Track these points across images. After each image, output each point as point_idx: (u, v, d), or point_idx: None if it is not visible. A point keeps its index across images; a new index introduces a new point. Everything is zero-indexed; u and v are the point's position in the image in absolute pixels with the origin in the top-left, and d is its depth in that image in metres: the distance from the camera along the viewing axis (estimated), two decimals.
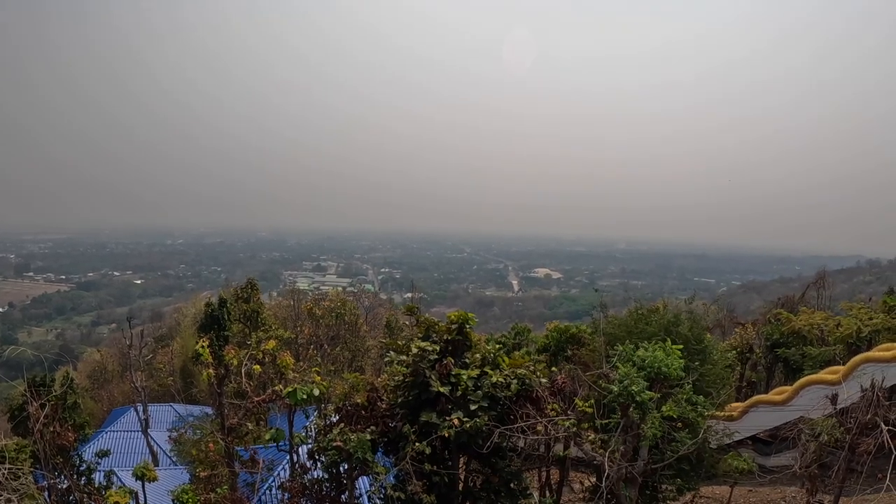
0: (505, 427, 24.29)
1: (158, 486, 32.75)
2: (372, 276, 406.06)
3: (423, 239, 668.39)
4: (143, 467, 27.93)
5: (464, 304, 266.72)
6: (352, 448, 23.04)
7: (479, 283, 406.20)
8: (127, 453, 48.82)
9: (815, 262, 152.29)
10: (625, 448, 24.91)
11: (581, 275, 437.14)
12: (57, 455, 24.83)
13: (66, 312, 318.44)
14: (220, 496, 25.88)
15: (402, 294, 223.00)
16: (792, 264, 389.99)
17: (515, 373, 25.25)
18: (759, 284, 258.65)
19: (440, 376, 24.30)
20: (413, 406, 24.97)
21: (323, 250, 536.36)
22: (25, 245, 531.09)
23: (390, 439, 25.18)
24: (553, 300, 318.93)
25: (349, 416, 25.44)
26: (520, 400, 25.09)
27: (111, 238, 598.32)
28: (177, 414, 55.93)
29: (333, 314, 63.56)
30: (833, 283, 79.64)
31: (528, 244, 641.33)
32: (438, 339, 25.67)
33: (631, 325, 40.76)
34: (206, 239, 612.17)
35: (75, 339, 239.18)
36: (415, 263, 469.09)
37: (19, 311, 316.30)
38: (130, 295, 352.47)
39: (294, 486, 25.38)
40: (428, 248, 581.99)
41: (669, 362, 26.00)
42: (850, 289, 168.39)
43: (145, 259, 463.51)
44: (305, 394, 25.20)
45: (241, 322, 59.24)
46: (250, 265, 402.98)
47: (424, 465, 23.48)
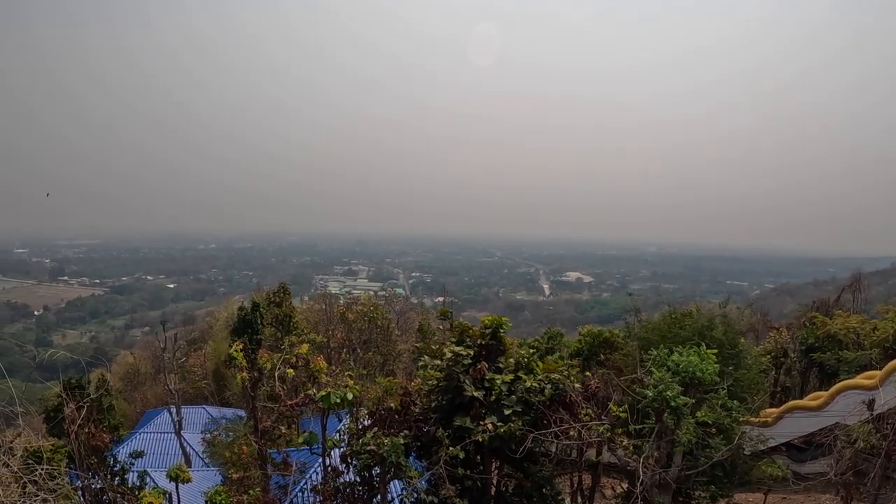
0: (538, 432, 24.11)
1: (191, 487, 32.90)
2: (403, 280, 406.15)
3: (453, 243, 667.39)
4: (177, 468, 28.10)
5: (494, 308, 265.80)
6: (385, 452, 23.01)
7: (509, 287, 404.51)
8: (160, 454, 49.08)
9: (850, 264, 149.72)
10: (659, 454, 24.67)
11: (612, 278, 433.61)
12: (91, 456, 25.05)
13: (100, 316, 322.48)
14: (252, 498, 25.94)
15: (433, 298, 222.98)
16: (825, 266, 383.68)
17: (549, 377, 25.10)
18: (792, 287, 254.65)
19: (474, 381, 24.24)
20: (446, 410, 24.92)
21: (353, 254, 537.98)
22: (60, 250, 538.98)
23: (423, 443, 25.14)
24: (584, 304, 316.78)
25: (382, 420, 25.46)
26: (553, 405, 24.95)
27: (144, 243, 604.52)
28: (209, 416, 56.18)
29: (366, 318, 63.54)
30: (868, 286, 78.45)
31: (558, 247, 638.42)
32: (472, 344, 25.60)
33: (664, 329, 40.34)
34: (237, 243, 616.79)
35: (109, 341, 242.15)
36: (445, 267, 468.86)
37: (54, 314, 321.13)
38: (163, 299, 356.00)
39: (326, 489, 25.42)
40: (458, 252, 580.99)
41: (704, 367, 25.74)
42: (886, 291, 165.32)
43: (178, 263, 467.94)
44: (339, 397, 25.18)
45: (273, 326, 59.45)
46: (281, 269, 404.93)
47: (457, 470, 23.41)
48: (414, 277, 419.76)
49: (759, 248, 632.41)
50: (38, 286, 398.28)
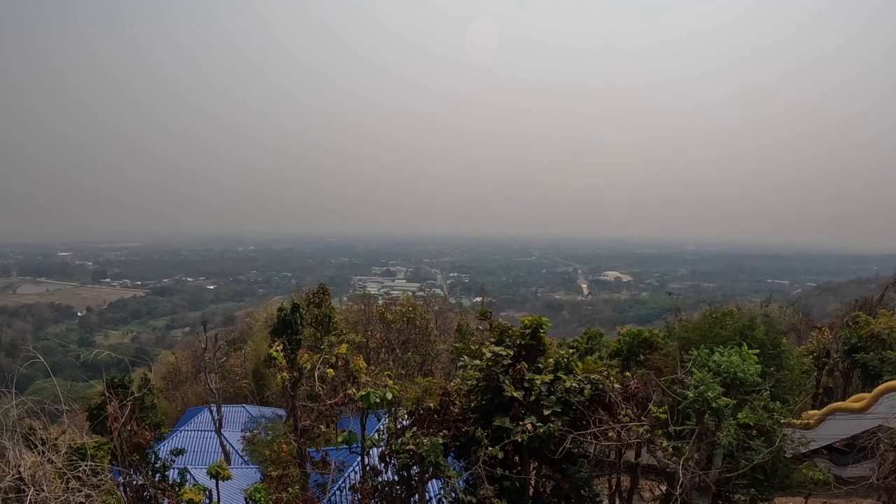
0: (577, 432, 23.94)
1: (231, 484, 33.20)
2: (441, 280, 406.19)
3: (491, 243, 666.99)
4: (217, 466, 28.34)
5: (533, 307, 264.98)
6: (424, 452, 23.01)
7: (547, 287, 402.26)
8: (200, 452, 49.57)
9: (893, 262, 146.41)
10: (699, 456, 24.35)
11: (651, 277, 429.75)
12: (134, 453, 25.38)
13: (142, 316, 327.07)
14: (291, 496, 26.12)
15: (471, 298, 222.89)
16: (868, 264, 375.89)
17: (589, 378, 24.92)
18: (834, 286, 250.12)
19: (514, 381, 24.15)
20: (486, 410, 24.85)
21: (391, 255, 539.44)
22: (102, 253, 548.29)
23: (462, 443, 25.07)
24: (623, 304, 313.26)
25: (421, 419, 25.47)
26: (593, 405, 24.77)
27: (184, 245, 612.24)
28: (249, 415, 56.68)
29: (404, 318, 63.63)
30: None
31: (596, 246, 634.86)
32: (512, 344, 25.54)
33: (705, 328, 39.88)
34: (275, 245, 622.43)
35: (150, 341, 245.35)
36: (483, 267, 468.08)
37: (97, 315, 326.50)
38: (203, 300, 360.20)
39: (365, 487, 25.47)
40: (496, 252, 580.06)
41: (746, 367, 25.37)
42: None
43: (217, 265, 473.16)
44: (378, 397, 25.26)
45: (312, 326, 59.79)
46: (320, 270, 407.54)
47: (496, 470, 23.32)
48: (452, 278, 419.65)
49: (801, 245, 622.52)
50: (81, 288, 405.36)
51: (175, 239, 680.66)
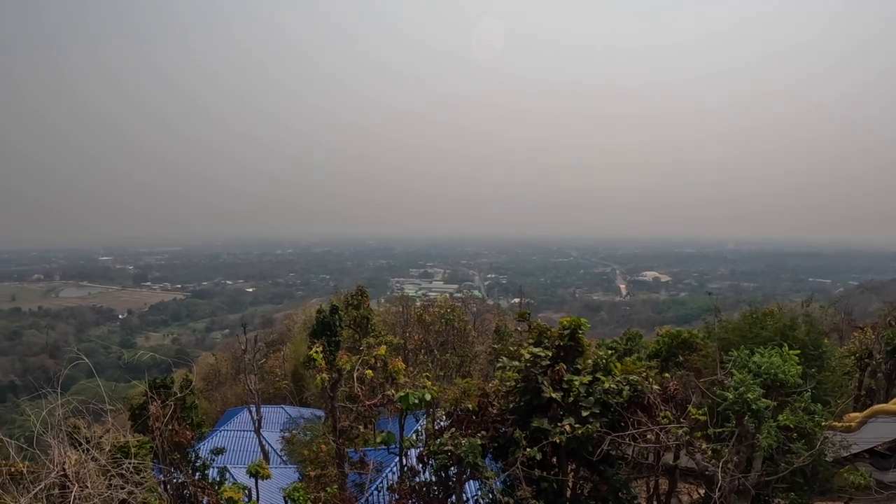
0: (616, 434, 23.80)
1: (270, 483, 33.48)
2: (478, 281, 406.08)
3: (529, 244, 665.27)
4: (257, 465, 28.65)
5: (571, 308, 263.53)
6: (462, 452, 23.03)
7: (585, 288, 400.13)
8: (240, 451, 49.96)
9: None
10: (738, 458, 24.09)
11: (690, 277, 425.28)
12: (174, 452, 25.69)
13: (182, 319, 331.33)
14: (329, 495, 26.30)
15: (509, 299, 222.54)
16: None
17: (628, 379, 24.76)
18: (877, 284, 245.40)
19: (552, 382, 24.09)
20: (524, 412, 24.81)
21: (429, 257, 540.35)
22: (143, 257, 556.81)
23: (500, 444, 25.05)
24: (661, 304, 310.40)
25: (460, 420, 25.51)
26: (631, 407, 24.60)
27: (223, 249, 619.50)
28: (288, 416, 57.08)
29: (443, 320, 63.71)
30: None
31: (634, 246, 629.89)
32: (550, 345, 25.46)
33: (745, 329, 39.34)
34: (314, 248, 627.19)
35: (190, 343, 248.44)
36: (521, 268, 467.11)
37: (138, 317, 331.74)
38: (242, 302, 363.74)
39: (403, 487, 25.56)
40: (534, 253, 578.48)
41: (786, 369, 25.08)
42: None
43: (256, 268, 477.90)
44: (417, 398, 25.35)
45: (351, 328, 60.15)
46: (358, 273, 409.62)
47: (534, 471, 23.27)
48: (490, 279, 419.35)
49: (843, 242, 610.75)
50: (122, 291, 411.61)
51: (214, 243, 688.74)
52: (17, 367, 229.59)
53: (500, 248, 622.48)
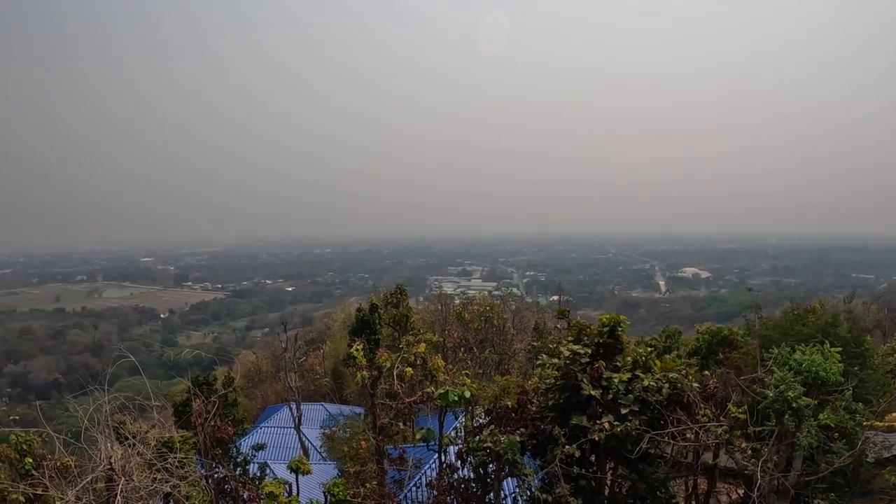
0: (655, 432, 23.72)
1: (310, 479, 33.78)
2: (517, 279, 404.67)
3: (567, 241, 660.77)
4: (297, 461, 28.96)
5: (609, 306, 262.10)
6: (501, 449, 23.12)
7: (624, 285, 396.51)
8: (279, 448, 50.40)
9: None
10: (778, 458, 23.84)
11: (730, 273, 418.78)
12: (216, 447, 26.12)
13: (222, 318, 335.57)
14: (368, 491, 26.52)
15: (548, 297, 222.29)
16: None
17: (667, 376, 24.68)
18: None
19: (591, 379, 24.07)
20: (563, 409, 24.86)
21: (468, 255, 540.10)
22: (183, 258, 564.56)
23: (539, 442, 25.12)
24: (701, 301, 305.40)
25: (499, 418, 25.61)
26: (670, 405, 24.52)
27: (262, 249, 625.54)
28: (327, 413, 57.57)
29: (482, 318, 63.85)
30: None
31: (674, 242, 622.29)
32: (590, 342, 25.48)
33: (786, 326, 38.89)
34: (352, 248, 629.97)
35: (230, 342, 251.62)
36: (559, 266, 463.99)
37: (179, 317, 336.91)
38: (282, 301, 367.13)
39: (441, 484, 25.71)
40: (572, 250, 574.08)
41: (828, 366, 24.75)
42: None
43: (295, 268, 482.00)
44: (457, 395, 25.48)
45: (390, 326, 60.56)
46: (396, 271, 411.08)
47: (572, 469, 23.27)
48: (528, 276, 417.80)
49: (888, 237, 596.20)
50: (163, 291, 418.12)
51: (254, 244, 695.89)
52: (61, 365, 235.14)
53: (539, 245, 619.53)
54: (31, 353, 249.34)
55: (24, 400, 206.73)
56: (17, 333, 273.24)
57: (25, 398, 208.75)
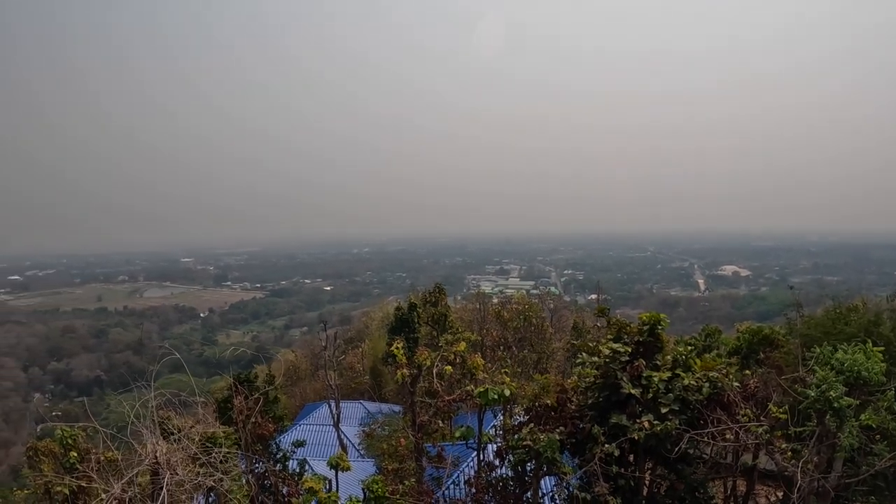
0: (695, 432, 23.58)
1: (348, 476, 34.07)
2: (555, 278, 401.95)
3: (604, 239, 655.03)
4: (337, 457, 29.27)
5: (648, 304, 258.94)
6: (541, 447, 23.18)
7: (663, 283, 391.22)
8: (318, 445, 50.70)
9: None
10: (818, 459, 23.60)
11: (770, 271, 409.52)
12: (257, 443, 26.53)
13: (261, 317, 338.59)
14: (407, 488, 26.73)
15: (586, 296, 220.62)
16: None
17: (707, 376, 24.51)
18: None
19: (631, 378, 24.00)
20: (602, 408, 24.83)
21: (504, 254, 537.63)
22: (222, 258, 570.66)
23: (577, 440, 25.10)
24: (741, 300, 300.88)
25: (538, 416, 25.63)
26: (711, 404, 24.37)
27: (300, 249, 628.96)
28: (366, 411, 57.93)
29: (521, 317, 63.81)
30: None
31: (712, 240, 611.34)
32: (629, 341, 25.41)
33: (828, 325, 38.36)
34: (389, 247, 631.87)
35: (269, 341, 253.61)
36: (597, 264, 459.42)
37: (218, 316, 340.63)
38: (320, 300, 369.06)
39: (480, 482, 25.83)
40: (610, 249, 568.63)
41: (870, 366, 24.47)
42: None
43: (333, 267, 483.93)
44: (496, 394, 25.58)
45: (429, 325, 60.78)
46: (433, 270, 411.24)
47: (611, 468, 23.23)
48: (566, 275, 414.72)
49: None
50: (203, 291, 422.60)
51: (291, 244, 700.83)
52: (103, 362, 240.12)
53: (576, 243, 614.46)
54: (74, 350, 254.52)
55: (66, 396, 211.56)
56: (60, 332, 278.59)
57: (67, 394, 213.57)
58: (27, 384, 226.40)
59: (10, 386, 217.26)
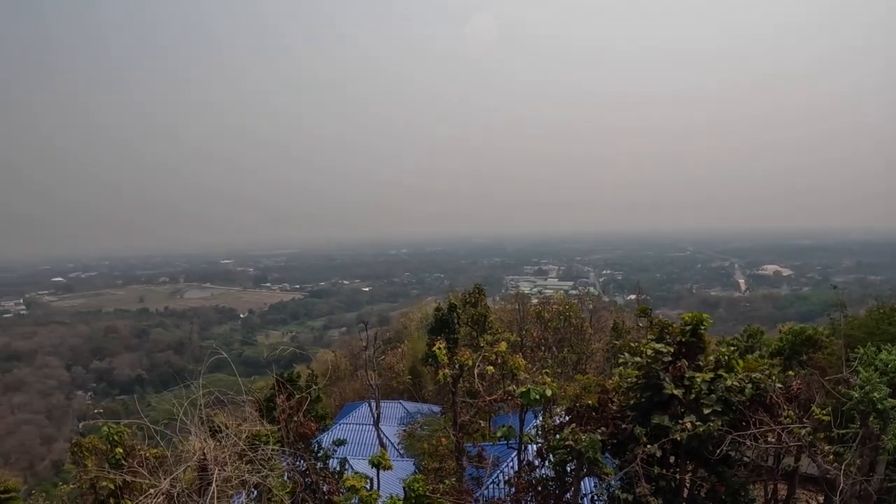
0: (737, 433, 23.43)
1: (388, 474, 34.35)
2: (593, 278, 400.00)
3: (642, 239, 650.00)
4: (379, 456, 29.58)
5: (688, 305, 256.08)
6: (582, 448, 23.23)
7: (703, 283, 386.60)
8: (358, 444, 51.06)
9: None
10: (861, 462, 23.31)
11: (812, 271, 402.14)
12: (299, 441, 26.91)
13: (300, 318, 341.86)
14: (447, 487, 26.92)
15: (624, 296, 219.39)
16: None
17: (750, 376, 24.33)
18: None
19: (673, 378, 23.93)
20: (644, 408, 24.77)
21: (542, 254, 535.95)
22: (261, 260, 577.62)
23: (619, 441, 25.09)
24: (782, 300, 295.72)
25: (580, 416, 25.64)
26: (753, 405, 24.17)
27: (337, 251, 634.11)
28: (405, 410, 58.29)
29: (561, 317, 63.77)
30: None
31: (752, 239, 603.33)
32: (672, 341, 25.34)
33: (871, 325, 38.04)
34: (427, 248, 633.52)
35: (308, 341, 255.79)
36: (636, 264, 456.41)
37: (258, 316, 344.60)
38: (358, 301, 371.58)
39: (520, 482, 25.93)
40: (648, 248, 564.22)
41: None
42: None
43: (371, 268, 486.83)
44: (538, 394, 25.67)
45: (468, 325, 60.99)
46: (472, 271, 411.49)
47: (653, 469, 23.19)
48: (604, 275, 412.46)
49: None
50: (243, 292, 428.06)
51: (329, 245, 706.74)
52: (144, 362, 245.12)
53: (613, 243, 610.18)
54: (116, 350, 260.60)
55: (108, 394, 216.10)
56: (102, 332, 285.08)
57: (109, 392, 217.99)
58: (70, 383, 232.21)
59: (54, 384, 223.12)
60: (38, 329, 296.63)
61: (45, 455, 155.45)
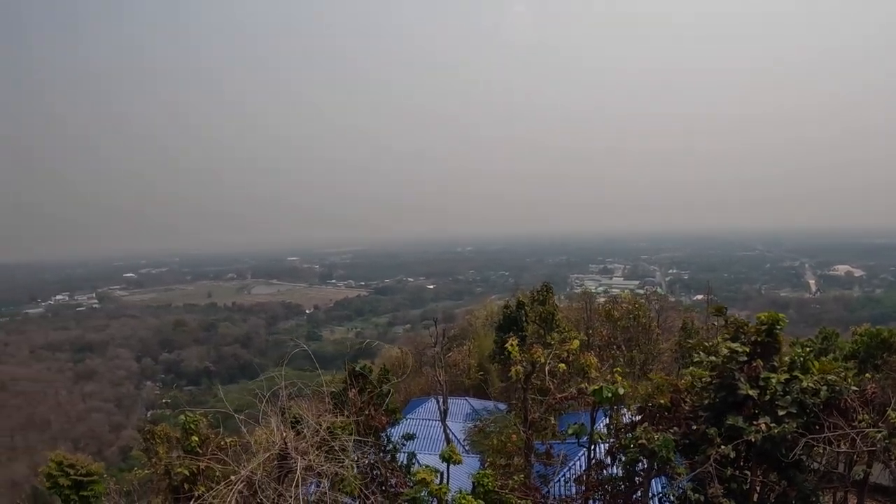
0: (811, 436, 23.12)
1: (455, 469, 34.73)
2: (659, 277, 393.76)
3: (709, 237, 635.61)
4: (449, 451, 29.95)
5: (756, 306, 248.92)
6: (655, 447, 23.23)
7: (772, 284, 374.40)
8: (424, 439, 51.51)
9: None
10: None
11: (886, 271, 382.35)
12: (369, 434, 27.48)
13: (365, 314, 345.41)
14: (515, 483, 27.16)
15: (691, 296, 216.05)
16: None
17: (825, 379, 24.01)
18: None
19: (748, 379, 23.75)
20: (718, 409, 24.61)
21: (607, 252, 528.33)
22: (328, 257, 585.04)
23: (690, 441, 24.97)
24: (854, 301, 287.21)
25: (652, 416, 25.64)
26: (827, 408, 23.85)
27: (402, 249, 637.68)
28: (471, 407, 58.66)
29: (630, 316, 63.45)
30: None
31: (822, 238, 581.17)
32: (747, 341, 25.15)
33: None
34: (491, 246, 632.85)
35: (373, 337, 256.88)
36: (703, 263, 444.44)
37: (323, 312, 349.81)
38: (423, 298, 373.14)
39: (590, 480, 26.03)
40: (715, 247, 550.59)
41: None
42: None
43: (435, 266, 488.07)
44: (610, 392, 25.74)
45: (536, 323, 61.06)
46: (536, 269, 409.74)
47: (725, 470, 23.04)
48: (670, 274, 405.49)
49: None
50: (309, 289, 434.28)
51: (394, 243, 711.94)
52: (211, 355, 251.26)
53: (679, 241, 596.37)
54: (185, 343, 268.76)
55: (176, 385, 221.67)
56: (172, 325, 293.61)
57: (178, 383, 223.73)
58: (139, 373, 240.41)
59: (124, 374, 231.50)
60: (110, 322, 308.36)
61: (114, 441, 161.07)
